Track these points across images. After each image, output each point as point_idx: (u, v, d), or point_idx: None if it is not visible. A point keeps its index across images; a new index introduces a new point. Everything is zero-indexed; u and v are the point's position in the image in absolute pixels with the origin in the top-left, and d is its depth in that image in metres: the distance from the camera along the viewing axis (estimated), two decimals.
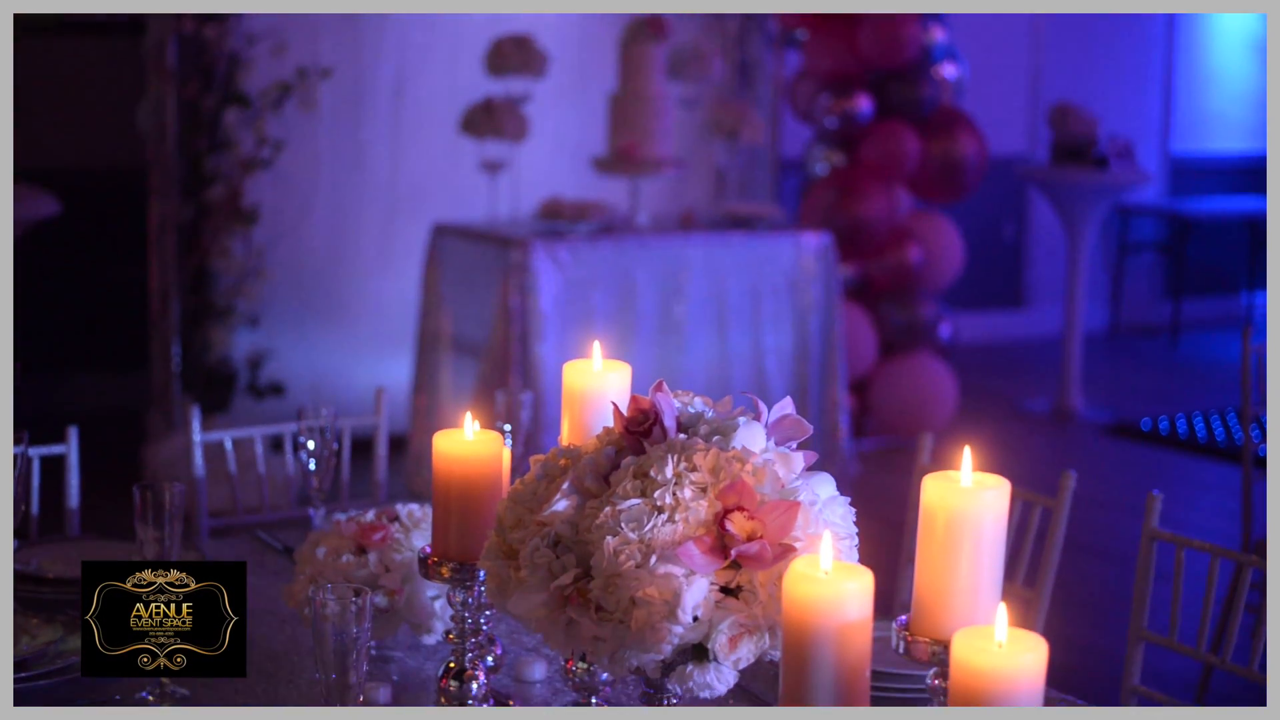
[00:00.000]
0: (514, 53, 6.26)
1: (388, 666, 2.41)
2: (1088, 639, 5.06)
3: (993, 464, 1.88)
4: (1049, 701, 2.21)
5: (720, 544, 1.75)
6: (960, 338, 8.17)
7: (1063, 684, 2.36)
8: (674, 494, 1.76)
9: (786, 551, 1.74)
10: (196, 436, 3.32)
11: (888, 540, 2.99)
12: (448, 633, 2.16)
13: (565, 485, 1.85)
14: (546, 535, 1.83)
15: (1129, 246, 10.28)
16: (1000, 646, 1.56)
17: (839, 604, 1.62)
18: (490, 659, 2.24)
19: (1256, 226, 10.20)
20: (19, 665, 2.26)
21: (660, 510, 1.76)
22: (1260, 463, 4.36)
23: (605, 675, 2.20)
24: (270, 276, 6.60)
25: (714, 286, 6.13)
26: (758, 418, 1.88)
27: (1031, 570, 3.05)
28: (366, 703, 2.21)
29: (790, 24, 7.34)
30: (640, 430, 1.86)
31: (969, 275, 8.28)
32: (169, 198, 6.39)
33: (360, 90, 6.82)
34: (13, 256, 3.32)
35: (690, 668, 1.77)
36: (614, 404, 1.91)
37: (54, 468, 3.15)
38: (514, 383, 5.61)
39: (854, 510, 1.86)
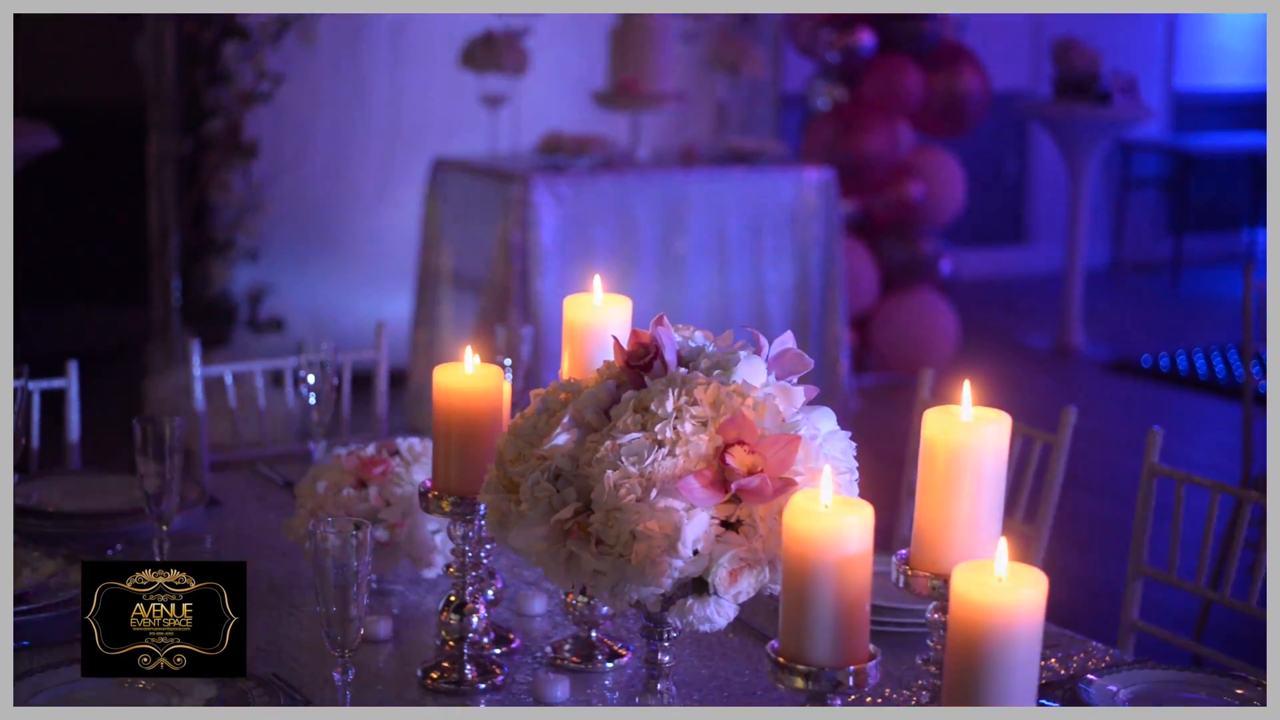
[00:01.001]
0: None
1: (388, 600, 2.42)
2: (1087, 574, 5.08)
3: (993, 400, 1.87)
4: (1048, 636, 2.21)
5: (721, 478, 1.74)
6: (961, 274, 8.16)
7: (1062, 619, 2.36)
8: (674, 428, 1.76)
9: (787, 486, 1.74)
10: (197, 371, 3.32)
11: (888, 475, 2.99)
12: (448, 566, 2.16)
13: (566, 419, 1.85)
14: (547, 469, 1.83)
15: (1131, 182, 10.25)
16: (1000, 581, 1.56)
17: (839, 538, 1.61)
18: (490, 593, 2.24)
19: (1259, 162, 10.15)
20: (21, 598, 2.27)
21: (661, 444, 1.76)
22: (1260, 399, 4.36)
23: (605, 609, 2.20)
24: (270, 211, 6.59)
25: (715, 222, 6.11)
26: (758, 352, 1.88)
27: (1031, 505, 3.06)
28: (367, 636, 2.22)
29: None
30: (641, 364, 1.86)
31: (970, 211, 8.25)
32: (168, 132, 6.36)
33: (360, 23, 6.78)
34: (12, 190, 3.31)
35: (690, 601, 1.77)
36: (614, 338, 1.91)
37: (54, 402, 3.16)
38: (514, 317, 5.60)
39: (854, 445, 1.86)
